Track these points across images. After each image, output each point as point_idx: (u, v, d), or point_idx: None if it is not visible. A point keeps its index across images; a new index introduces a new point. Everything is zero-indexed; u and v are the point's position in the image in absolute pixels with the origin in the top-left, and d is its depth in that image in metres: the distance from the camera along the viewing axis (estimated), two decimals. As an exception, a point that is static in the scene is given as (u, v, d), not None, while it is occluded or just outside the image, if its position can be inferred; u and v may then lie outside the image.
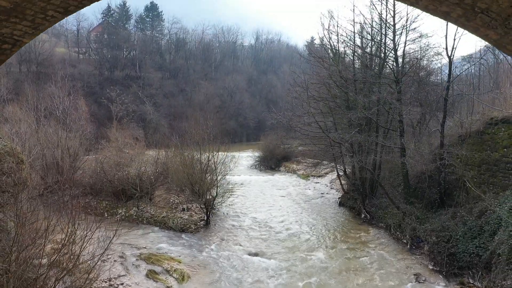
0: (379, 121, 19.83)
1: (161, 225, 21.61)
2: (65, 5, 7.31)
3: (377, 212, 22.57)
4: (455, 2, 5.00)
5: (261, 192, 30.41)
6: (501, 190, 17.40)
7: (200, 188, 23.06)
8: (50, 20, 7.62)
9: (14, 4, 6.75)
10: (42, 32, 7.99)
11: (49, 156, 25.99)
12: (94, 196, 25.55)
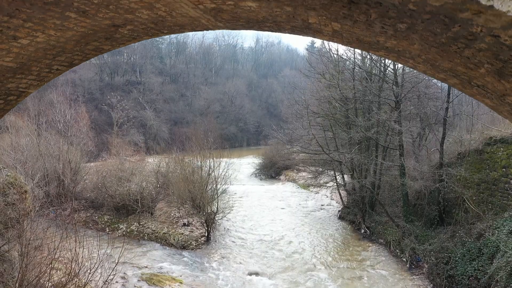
0: (379, 140, 19.98)
1: (162, 242, 21.74)
2: (70, 60, 7.46)
3: (377, 228, 22.71)
4: (452, 74, 5.13)
5: (261, 204, 30.54)
6: (500, 210, 17.54)
7: (201, 202, 23.28)
8: (55, 73, 7.77)
9: (20, 64, 6.90)
10: (47, 82, 8.14)
11: (50, 170, 26.16)
12: (96, 210, 25.73)
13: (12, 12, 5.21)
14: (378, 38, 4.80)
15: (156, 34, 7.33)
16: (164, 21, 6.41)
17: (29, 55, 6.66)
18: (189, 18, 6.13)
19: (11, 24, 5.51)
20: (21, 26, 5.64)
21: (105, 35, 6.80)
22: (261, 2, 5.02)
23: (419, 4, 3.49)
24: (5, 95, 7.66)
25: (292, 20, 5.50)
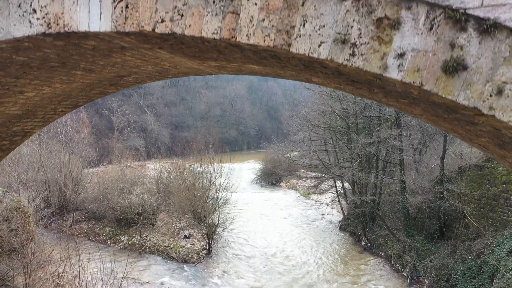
0: (379, 155, 20.06)
1: (163, 255, 21.82)
2: (75, 103, 7.52)
3: (378, 240, 22.78)
4: (453, 131, 5.19)
5: (262, 213, 30.60)
6: (501, 227, 17.60)
7: (202, 213, 23.40)
8: (60, 114, 7.85)
9: (26, 111, 6.97)
10: (51, 122, 8.21)
11: (52, 181, 26.23)
12: (97, 221, 25.81)
13: (20, 75, 5.29)
14: (381, 99, 4.88)
15: (160, 79, 7.41)
16: (168, 71, 6.49)
17: (35, 103, 6.74)
18: (194, 69, 6.20)
19: (18, 83, 5.59)
20: (28, 83, 5.71)
21: (110, 82, 6.88)
22: (265, 67, 5.10)
23: (422, 95, 3.58)
24: (11, 137, 7.73)
25: (296, 78, 5.58)
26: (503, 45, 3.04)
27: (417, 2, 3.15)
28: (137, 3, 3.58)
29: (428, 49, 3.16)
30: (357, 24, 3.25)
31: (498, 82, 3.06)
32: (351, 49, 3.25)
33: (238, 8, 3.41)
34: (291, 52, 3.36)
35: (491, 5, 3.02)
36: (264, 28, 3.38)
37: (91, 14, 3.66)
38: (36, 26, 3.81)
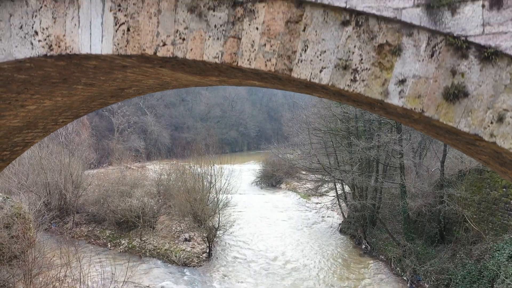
0: (379, 159, 20.09)
1: (164, 259, 21.82)
2: (76, 114, 7.54)
3: (378, 243, 22.78)
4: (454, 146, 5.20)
5: (262, 215, 30.60)
6: (501, 230, 17.58)
7: (202, 216, 23.44)
8: (61, 124, 7.86)
9: (27, 123, 6.98)
10: (52, 132, 8.23)
11: (52, 184, 26.23)
12: (98, 224, 25.80)
13: (21, 90, 5.30)
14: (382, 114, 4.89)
15: (161, 90, 7.42)
16: (169, 84, 6.50)
17: (35, 115, 6.75)
18: (195, 82, 6.21)
19: (20, 98, 5.60)
20: (29, 98, 5.72)
21: (110, 94, 6.89)
22: (266, 83, 5.12)
23: (423, 119, 3.58)
24: (12, 147, 7.74)
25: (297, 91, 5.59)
26: (504, 72, 3.05)
27: (418, 28, 3.16)
28: (138, 27, 3.58)
29: (429, 75, 3.17)
30: (359, 50, 3.26)
31: (499, 109, 3.07)
32: (353, 75, 3.26)
33: (240, 32, 3.42)
34: (292, 77, 3.37)
35: (492, 33, 3.03)
36: (266, 53, 3.39)
37: (93, 37, 3.67)
38: (38, 48, 3.82)
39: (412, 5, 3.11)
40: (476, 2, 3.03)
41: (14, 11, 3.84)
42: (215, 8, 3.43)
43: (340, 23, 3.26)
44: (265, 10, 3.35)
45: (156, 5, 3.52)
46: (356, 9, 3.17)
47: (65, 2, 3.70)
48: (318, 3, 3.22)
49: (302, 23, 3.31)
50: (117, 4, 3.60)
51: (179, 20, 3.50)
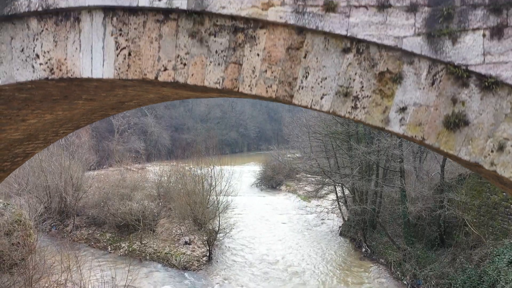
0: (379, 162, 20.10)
1: (164, 262, 21.82)
2: (76, 125, 7.55)
3: (378, 247, 22.77)
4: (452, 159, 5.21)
5: (262, 218, 30.61)
6: (501, 235, 17.57)
7: (202, 219, 23.45)
8: (61, 135, 7.86)
9: (28, 135, 6.99)
10: (53, 143, 8.23)
11: (52, 187, 26.24)
12: (98, 227, 25.81)
13: (22, 107, 5.30)
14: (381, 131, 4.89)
15: (161, 102, 7.43)
16: (169, 97, 6.52)
17: (36, 128, 6.76)
18: (195, 95, 6.22)
19: (21, 113, 5.61)
20: (30, 113, 5.73)
21: (111, 107, 6.89)
22: (267, 100, 5.11)
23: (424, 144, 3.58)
24: (12, 158, 7.75)
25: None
26: (504, 101, 3.06)
27: (419, 57, 3.17)
28: (139, 51, 3.59)
29: (430, 103, 3.18)
30: (359, 78, 3.26)
31: (500, 138, 3.08)
32: (353, 102, 3.27)
33: (241, 58, 3.42)
34: (293, 103, 3.37)
35: (492, 62, 3.04)
36: (267, 79, 3.40)
37: (94, 61, 3.68)
38: (39, 71, 3.83)
39: (413, 34, 3.12)
40: (477, 31, 3.04)
41: (15, 34, 3.84)
42: (216, 34, 3.43)
43: (341, 50, 3.26)
44: (266, 37, 3.35)
45: (157, 30, 3.53)
46: (357, 37, 3.18)
47: (66, 26, 3.71)
48: (319, 30, 3.23)
49: (303, 49, 3.32)
50: (118, 29, 3.61)
51: (180, 45, 3.50)
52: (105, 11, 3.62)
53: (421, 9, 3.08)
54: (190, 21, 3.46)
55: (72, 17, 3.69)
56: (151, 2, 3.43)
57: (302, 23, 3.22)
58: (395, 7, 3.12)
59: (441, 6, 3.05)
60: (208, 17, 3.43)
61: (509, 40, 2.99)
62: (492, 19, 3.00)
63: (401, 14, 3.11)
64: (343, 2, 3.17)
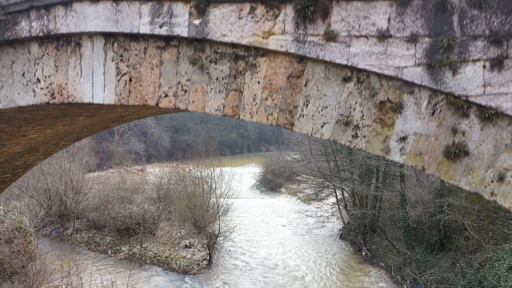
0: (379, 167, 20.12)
1: (164, 266, 21.82)
2: (77, 137, 7.55)
3: (378, 250, 22.78)
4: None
5: (262, 220, 30.63)
6: (501, 239, 17.57)
7: (202, 222, 23.48)
8: (62, 147, 7.87)
9: (29, 148, 7.00)
10: (53, 154, 8.24)
11: (52, 190, 26.25)
12: (98, 230, 25.82)
13: (23, 124, 5.31)
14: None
15: (160, 114, 7.44)
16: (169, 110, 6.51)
17: (37, 142, 6.77)
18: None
19: (21, 130, 5.61)
20: (31, 129, 5.74)
21: (112, 120, 6.90)
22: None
23: (424, 168, 3.57)
24: (13, 170, 7.76)
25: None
26: (504, 132, 3.06)
27: (419, 87, 3.17)
28: (140, 77, 3.59)
29: (430, 133, 3.18)
30: (360, 106, 3.27)
31: (500, 168, 3.08)
32: (354, 131, 3.28)
33: (242, 86, 3.43)
34: (294, 130, 3.38)
35: (493, 93, 3.04)
36: (267, 107, 3.40)
37: (95, 86, 3.68)
38: (40, 96, 3.83)
39: (413, 64, 3.12)
40: (477, 62, 3.05)
41: (17, 58, 3.85)
42: (217, 61, 3.44)
43: (341, 79, 3.27)
44: (266, 65, 3.36)
45: (158, 56, 3.54)
46: (357, 66, 3.18)
47: (67, 51, 3.71)
48: (320, 59, 3.23)
49: (304, 78, 3.33)
50: (119, 54, 3.62)
51: (181, 72, 3.51)
52: (106, 37, 3.62)
53: (422, 40, 3.09)
54: (191, 48, 3.46)
55: (73, 42, 3.69)
56: (152, 29, 3.44)
57: (302, 52, 3.23)
58: (395, 38, 3.12)
59: (442, 37, 3.05)
60: (209, 44, 3.44)
61: (509, 72, 3.00)
62: (492, 50, 3.01)
63: (402, 44, 3.12)
64: (343, 32, 3.17)
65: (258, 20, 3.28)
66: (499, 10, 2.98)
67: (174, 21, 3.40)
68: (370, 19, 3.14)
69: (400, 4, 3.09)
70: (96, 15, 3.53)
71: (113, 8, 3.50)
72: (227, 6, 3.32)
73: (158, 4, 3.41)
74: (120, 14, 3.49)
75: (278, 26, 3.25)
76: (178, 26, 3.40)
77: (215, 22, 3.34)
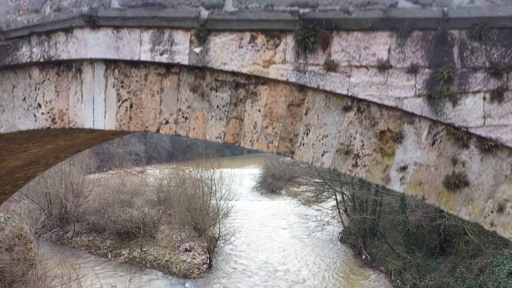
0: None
1: (164, 270, 21.82)
2: (77, 149, 7.56)
3: (378, 254, 22.79)
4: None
5: (262, 223, 30.60)
6: (501, 244, 17.59)
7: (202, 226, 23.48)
8: (62, 159, 7.88)
9: (29, 162, 7.01)
10: (54, 165, 8.25)
11: (53, 193, 26.24)
12: (98, 234, 25.81)
13: (24, 142, 5.32)
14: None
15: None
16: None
17: (38, 155, 6.78)
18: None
19: (22, 146, 5.62)
20: (31, 146, 5.75)
21: (112, 133, 6.91)
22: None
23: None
24: (13, 182, 7.77)
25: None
26: (504, 163, 3.07)
27: (420, 117, 3.18)
28: (141, 104, 3.60)
29: (430, 163, 3.19)
30: (360, 136, 3.28)
31: (500, 199, 3.09)
32: (354, 160, 3.28)
33: (242, 114, 3.44)
34: (295, 159, 3.38)
35: (493, 125, 3.05)
36: (268, 135, 3.41)
37: (96, 112, 3.69)
38: (41, 121, 3.84)
39: (414, 95, 3.13)
40: (477, 94, 3.06)
41: (17, 83, 3.85)
42: (217, 89, 3.45)
43: (342, 108, 3.28)
44: (267, 93, 3.37)
45: (159, 83, 3.54)
46: (358, 96, 3.19)
47: (68, 76, 3.72)
48: (320, 89, 3.24)
49: (304, 107, 3.33)
50: (120, 81, 3.62)
51: (181, 99, 3.52)
52: (107, 63, 3.63)
53: (422, 71, 3.10)
54: (192, 75, 3.47)
55: (74, 68, 3.70)
56: (153, 56, 3.45)
57: (303, 82, 3.23)
58: (395, 68, 3.13)
59: (442, 68, 3.06)
60: (209, 72, 3.44)
61: (509, 104, 3.01)
62: (492, 82, 3.01)
63: (402, 75, 3.13)
64: (344, 62, 3.18)
65: (258, 49, 3.29)
66: (499, 42, 2.99)
67: (174, 48, 3.41)
68: (370, 49, 3.15)
69: (400, 35, 3.09)
70: (97, 42, 3.53)
71: (113, 35, 3.51)
72: (228, 35, 3.32)
73: (158, 32, 3.42)
74: (121, 41, 3.49)
75: (278, 55, 3.26)
76: (178, 54, 3.41)
77: (216, 51, 3.35)
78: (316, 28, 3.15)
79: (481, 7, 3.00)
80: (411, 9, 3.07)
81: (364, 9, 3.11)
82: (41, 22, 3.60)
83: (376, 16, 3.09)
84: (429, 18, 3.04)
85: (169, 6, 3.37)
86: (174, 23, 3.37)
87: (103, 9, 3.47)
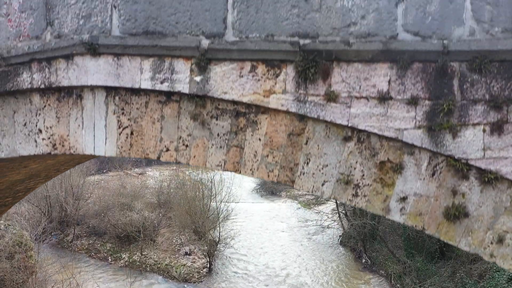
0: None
1: (164, 274, 21.85)
2: (78, 162, 7.57)
3: (378, 258, 22.81)
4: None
5: (262, 226, 30.60)
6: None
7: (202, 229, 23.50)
8: (63, 171, 7.89)
9: (30, 175, 7.02)
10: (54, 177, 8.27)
11: (53, 196, 26.25)
12: (98, 237, 25.82)
13: (25, 160, 5.33)
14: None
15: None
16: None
17: (38, 170, 6.79)
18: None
19: (23, 163, 5.63)
20: (32, 162, 5.76)
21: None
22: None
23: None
24: (14, 194, 7.79)
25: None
26: (504, 195, 3.08)
27: (420, 148, 3.19)
28: (142, 131, 3.61)
29: (430, 194, 3.20)
30: (360, 166, 3.29)
31: (499, 230, 3.10)
32: (354, 190, 3.29)
33: (242, 142, 3.45)
34: (295, 188, 3.40)
35: (492, 157, 3.06)
36: (268, 163, 3.42)
37: (97, 139, 3.70)
38: (42, 146, 3.85)
39: (414, 126, 3.14)
40: (477, 126, 3.06)
41: (18, 108, 3.86)
42: (218, 117, 3.46)
43: (342, 138, 3.29)
44: (267, 122, 3.38)
45: (160, 111, 3.55)
46: (358, 127, 3.20)
47: (68, 102, 3.73)
48: (321, 119, 3.25)
49: (304, 136, 3.34)
50: (121, 108, 3.63)
51: (182, 127, 3.53)
52: (108, 90, 3.64)
53: (422, 103, 3.11)
54: (192, 103, 3.48)
55: (74, 94, 3.71)
56: (153, 84, 3.46)
57: (303, 112, 3.24)
58: (396, 100, 3.14)
59: (442, 100, 3.07)
60: (210, 100, 3.46)
61: (509, 136, 3.02)
62: (492, 115, 3.02)
63: (402, 106, 3.14)
64: (344, 93, 3.19)
65: (259, 78, 3.30)
66: (499, 75, 3.00)
67: (175, 77, 3.42)
68: (370, 80, 3.15)
69: (400, 67, 3.10)
70: (97, 69, 3.55)
71: (114, 63, 3.52)
72: (228, 64, 3.33)
73: (159, 60, 3.43)
74: (121, 69, 3.50)
75: (279, 85, 3.27)
76: (179, 83, 3.42)
77: (216, 80, 3.36)
78: (317, 59, 3.16)
79: (481, 40, 3.01)
80: (411, 41, 3.08)
81: (365, 41, 3.11)
82: (41, 49, 3.61)
83: (376, 48, 3.10)
84: (429, 51, 3.05)
85: (170, 35, 3.38)
86: (175, 52, 3.38)
87: (103, 37, 3.48)
